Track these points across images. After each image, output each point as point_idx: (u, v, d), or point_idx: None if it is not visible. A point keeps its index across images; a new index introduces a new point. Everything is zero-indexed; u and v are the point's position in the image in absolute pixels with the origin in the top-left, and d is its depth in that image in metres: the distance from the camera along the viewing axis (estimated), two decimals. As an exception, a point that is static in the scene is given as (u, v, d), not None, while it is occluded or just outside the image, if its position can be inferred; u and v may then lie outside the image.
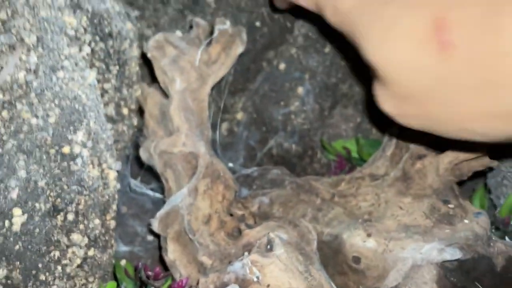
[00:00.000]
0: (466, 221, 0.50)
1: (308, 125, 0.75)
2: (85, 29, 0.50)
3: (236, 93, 0.84)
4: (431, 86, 0.34)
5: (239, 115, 0.79)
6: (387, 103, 0.41)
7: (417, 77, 0.35)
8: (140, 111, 0.63)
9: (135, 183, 0.63)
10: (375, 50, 0.37)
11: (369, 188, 0.60)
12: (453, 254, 0.47)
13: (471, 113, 0.34)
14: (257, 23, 0.84)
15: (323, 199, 0.60)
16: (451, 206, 0.52)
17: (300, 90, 0.74)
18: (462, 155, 0.52)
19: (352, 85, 0.77)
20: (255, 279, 0.42)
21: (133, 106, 0.59)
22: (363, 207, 0.58)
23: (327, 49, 0.76)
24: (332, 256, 0.54)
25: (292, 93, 0.74)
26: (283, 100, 0.75)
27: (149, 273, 0.48)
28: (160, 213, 0.52)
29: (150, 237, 0.66)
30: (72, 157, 0.42)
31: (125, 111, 0.57)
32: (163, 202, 0.58)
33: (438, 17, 0.32)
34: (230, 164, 0.68)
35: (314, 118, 0.75)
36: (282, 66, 0.76)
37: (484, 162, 0.52)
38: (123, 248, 0.65)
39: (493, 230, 0.60)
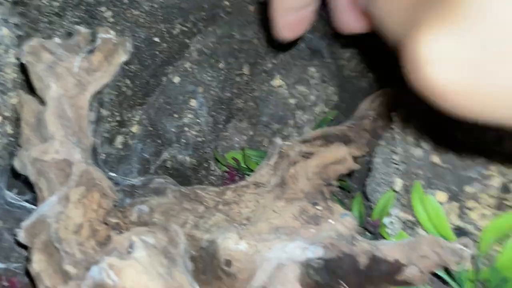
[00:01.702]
0: (331, 221, 0.53)
1: (202, 137, 0.76)
2: None
3: (134, 107, 0.84)
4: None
5: (135, 128, 0.78)
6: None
7: None
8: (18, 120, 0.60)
9: (10, 195, 0.60)
10: None
11: (252, 196, 0.61)
12: (315, 252, 0.49)
13: None
14: (156, 39, 0.85)
15: (207, 207, 0.61)
16: (319, 208, 0.54)
17: (194, 103, 0.75)
18: (327, 159, 0.55)
19: (247, 100, 0.80)
20: (112, 283, 0.41)
21: (7, 113, 0.57)
22: (244, 213, 0.59)
23: (222, 64, 0.78)
24: (209, 262, 0.54)
25: (186, 106, 0.76)
26: (177, 113, 0.76)
27: (4, 283, 0.45)
28: (26, 223, 0.50)
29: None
30: None
31: (-3, 118, 0.55)
32: (38, 213, 0.56)
33: None
34: (113, 174, 0.67)
35: (208, 130, 0.76)
36: (176, 79, 0.77)
37: (348, 165, 0.55)
38: (-1, 266, 0.61)
39: (366, 233, 0.64)
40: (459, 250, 0.48)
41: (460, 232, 0.51)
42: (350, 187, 0.77)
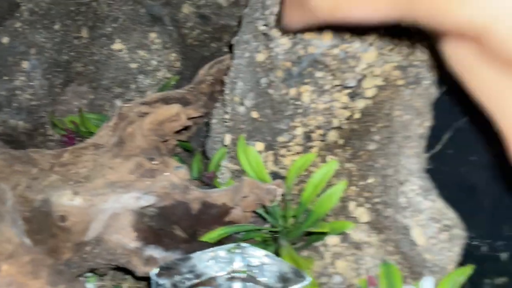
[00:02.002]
0: (166, 173, 0.57)
1: (37, 101, 0.73)
2: None
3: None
4: None
5: (-44, 92, 0.71)
6: None
7: None
8: None
9: None
10: None
11: (90, 156, 0.62)
12: (148, 200, 0.54)
13: None
14: (-20, -5, 0.77)
15: (42, 169, 0.60)
16: (155, 162, 0.58)
17: (26, 64, 0.72)
18: (160, 116, 0.59)
19: (86, 64, 0.79)
20: None
21: None
22: (81, 173, 0.60)
23: (58, 26, 0.76)
24: (43, 221, 0.54)
25: (17, 68, 0.72)
26: (7, 75, 0.71)
27: None
28: None
29: None
30: None
31: None
32: None
33: None
34: None
35: (43, 94, 0.73)
36: (5, 40, 0.72)
37: (181, 122, 0.60)
38: None
39: (204, 186, 0.70)
40: (273, 189, 0.57)
41: (275, 176, 0.61)
42: (192, 148, 0.83)
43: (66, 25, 0.76)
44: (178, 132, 0.73)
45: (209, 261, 0.51)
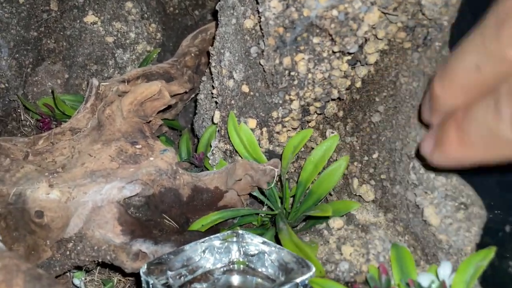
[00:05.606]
0: (151, 158, 0.52)
1: (5, 83, 0.66)
2: None
3: None
4: None
5: None
6: None
7: None
8: None
9: None
10: None
11: (67, 142, 0.57)
12: (132, 190, 0.49)
13: None
14: None
15: (14, 159, 0.55)
16: (138, 147, 0.53)
17: (-11, 44, 0.65)
18: (140, 96, 0.53)
19: (58, 40, 0.72)
20: None
21: None
22: (59, 161, 0.55)
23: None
24: (20, 217, 0.49)
25: (-21, 47, 0.65)
26: (-32, 57, 0.64)
27: None
28: None
29: None
30: None
31: None
32: None
33: None
34: None
35: (12, 76, 0.67)
36: (-37, 16, 0.65)
37: (164, 100, 0.54)
38: None
39: (193, 168, 0.65)
40: (269, 170, 0.53)
41: (270, 155, 0.56)
42: (180, 126, 0.77)
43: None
44: (162, 111, 0.68)
45: (205, 252, 0.47)
